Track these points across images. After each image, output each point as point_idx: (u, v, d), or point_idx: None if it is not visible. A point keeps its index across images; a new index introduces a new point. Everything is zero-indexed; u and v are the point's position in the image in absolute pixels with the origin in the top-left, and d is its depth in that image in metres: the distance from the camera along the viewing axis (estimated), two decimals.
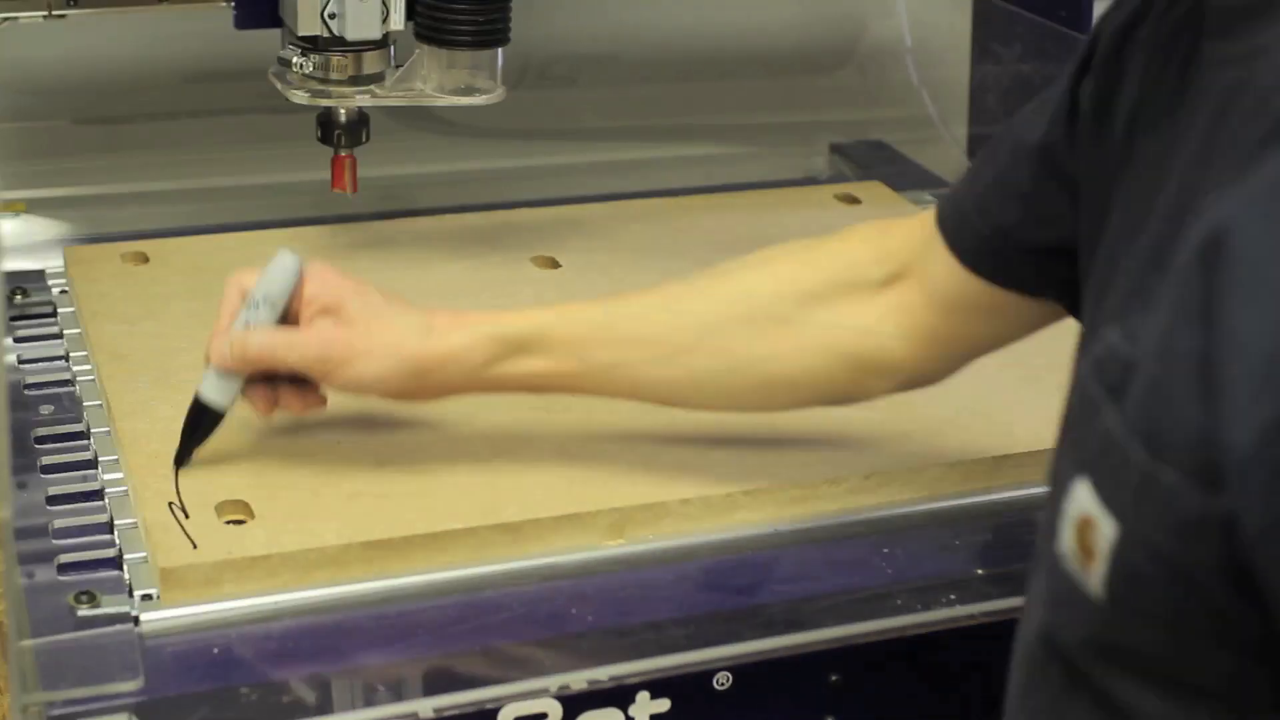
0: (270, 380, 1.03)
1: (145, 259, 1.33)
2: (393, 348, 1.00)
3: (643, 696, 0.92)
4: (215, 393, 1.03)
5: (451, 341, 1.01)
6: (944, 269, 0.97)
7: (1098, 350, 0.68)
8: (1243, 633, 0.61)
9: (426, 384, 1.02)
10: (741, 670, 0.94)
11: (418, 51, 1.25)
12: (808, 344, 1.00)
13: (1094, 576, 0.65)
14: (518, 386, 1.03)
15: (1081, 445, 0.68)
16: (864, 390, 1.04)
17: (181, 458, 1.04)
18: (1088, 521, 0.65)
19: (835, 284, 1.01)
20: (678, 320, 1.02)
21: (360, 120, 1.30)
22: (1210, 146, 0.71)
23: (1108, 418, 0.65)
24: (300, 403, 1.04)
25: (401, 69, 1.26)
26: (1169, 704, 0.65)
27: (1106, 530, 0.64)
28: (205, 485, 1.03)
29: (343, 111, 1.29)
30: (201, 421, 1.04)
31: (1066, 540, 0.67)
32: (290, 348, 1.01)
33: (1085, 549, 0.66)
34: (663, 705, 0.93)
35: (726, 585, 1.02)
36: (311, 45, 1.25)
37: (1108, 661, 0.67)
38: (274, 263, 1.02)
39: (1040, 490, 1.09)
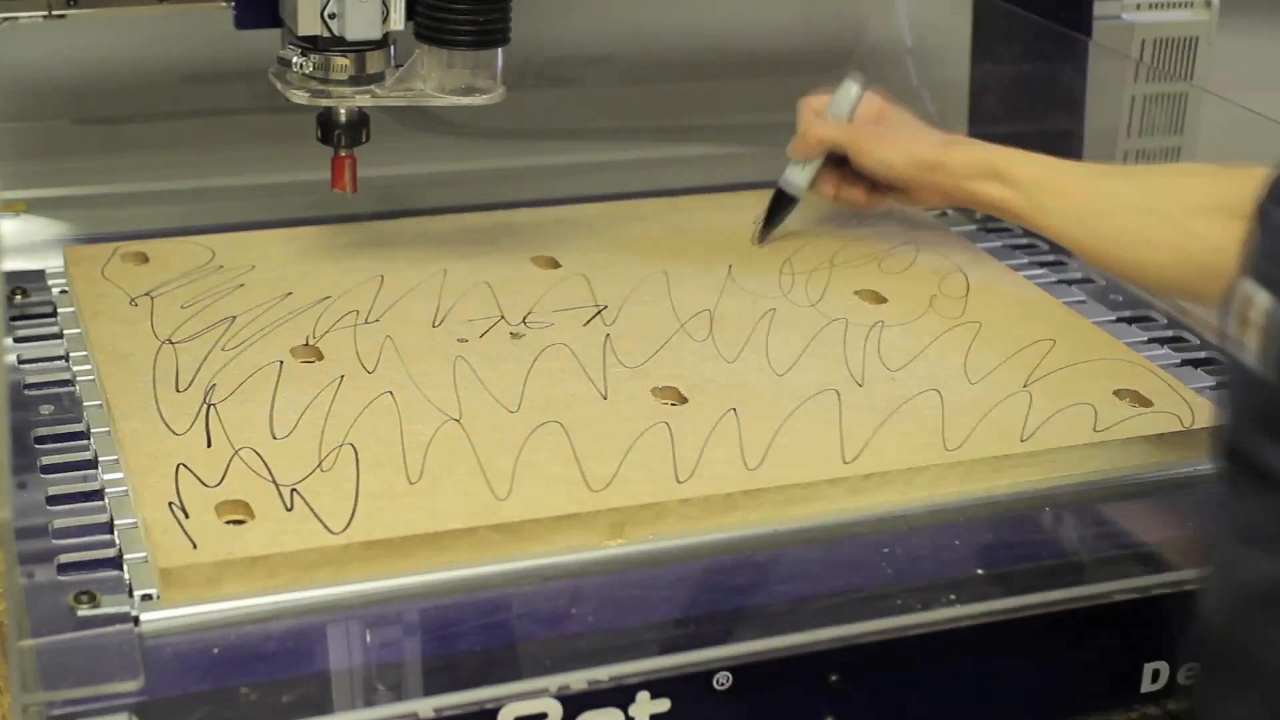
0: (840, 176, 1.38)
1: (145, 259, 1.33)
2: (909, 144, 1.34)
3: (643, 696, 0.92)
4: (794, 177, 1.38)
5: (950, 152, 1.32)
6: None
7: None
8: None
9: (924, 179, 1.33)
10: (741, 670, 0.94)
11: (418, 51, 1.25)
12: (1176, 246, 1.18)
13: (1251, 351, 0.74)
14: (984, 205, 1.32)
15: (1258, 254, 0.77)
16: (1205, 297, 1.21)
17: (763, 237, 1.40)
18: (1247, 299, 0.75)
19: (1214, 204, 1.16)
20: (1100, 189, 1.25)
21: (360, 120, 1.30)
22: None
23: (1273, 215, 0.75)
24: (860, 196, 1.38)
25: (401, 69, 1.26)
26: None
27: (1262, 303, 0.74)
28: (205, 485, 1.03)
29: (343, 111, 1.29)
30: (781, 204, 1.39)
31: (1231, 325, 0.77)
32: (841, 131, 1.36)
33: (1242, 320, 0.75)
34: (663, 705, 0.93)
35: (726, 585, 1.02)
36: (311, 45, 1.25)
37: (1272, 437, 0.75)
38: (841, 86, 1.37)
39: (1039, 489, 1.10)
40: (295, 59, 1.25)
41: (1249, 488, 0.77)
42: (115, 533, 1.01)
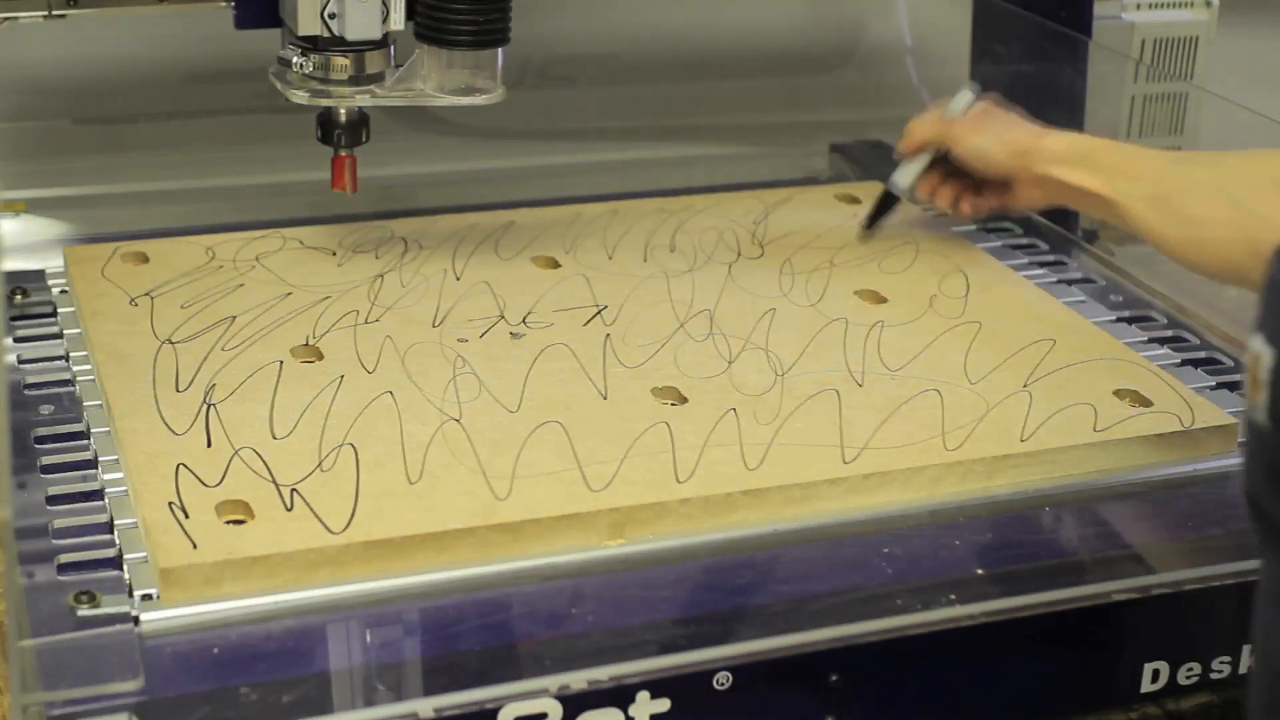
0: (945, 179, 1.38)
1: (145, 259, 1.33)
2: (1001, 132, 1.35)
3: (643, 696, 0.92)
4: (898, 177, 1.39)
5: (1042, 139, 1.32)
6: None
7: None
8: None
9: (1019, 167, 1.32)
10: (741, 670, 0.94)
11: (418, 51, 1.26)
12: (1235, 225, 1.15)
13: (1260, 408, 0.74)
14: (1076, 196, 1.29)
15: (1265, 309, 0.76)
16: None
17: (869, 225, 1.41)
18: (1255, 358, 0.75)
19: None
20: (1171, 172, 1.23)
21: (360, 120, 1.30)
22: None
23: (1275, 269, 0.74)
24: (953, 196, 1.38)
25: (401, 69, 1.26)
26: None
27: (1266, 359, 0.74)
28: (205, 485, 1.03)
29: (343, 111, 1.29)
30: (887, 203, 1.40)
31: (1246, 385, 0.76)
32: (940, 125, 1.38)
33: (1254, 381, 0.75)
34: (663, 705, 0.93)
35: (726, 585, 1.02)
36: (311, 45, 1.25)
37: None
38: (957, 95, 1.39)
39: (1039, 489, 1.10)
40: (295, 59, 1.25)
41: (1270, 547, 0.77)
42: (115, 533, 1.01)
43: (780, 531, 1.05)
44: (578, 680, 0.92)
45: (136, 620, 0.94)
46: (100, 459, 1.09)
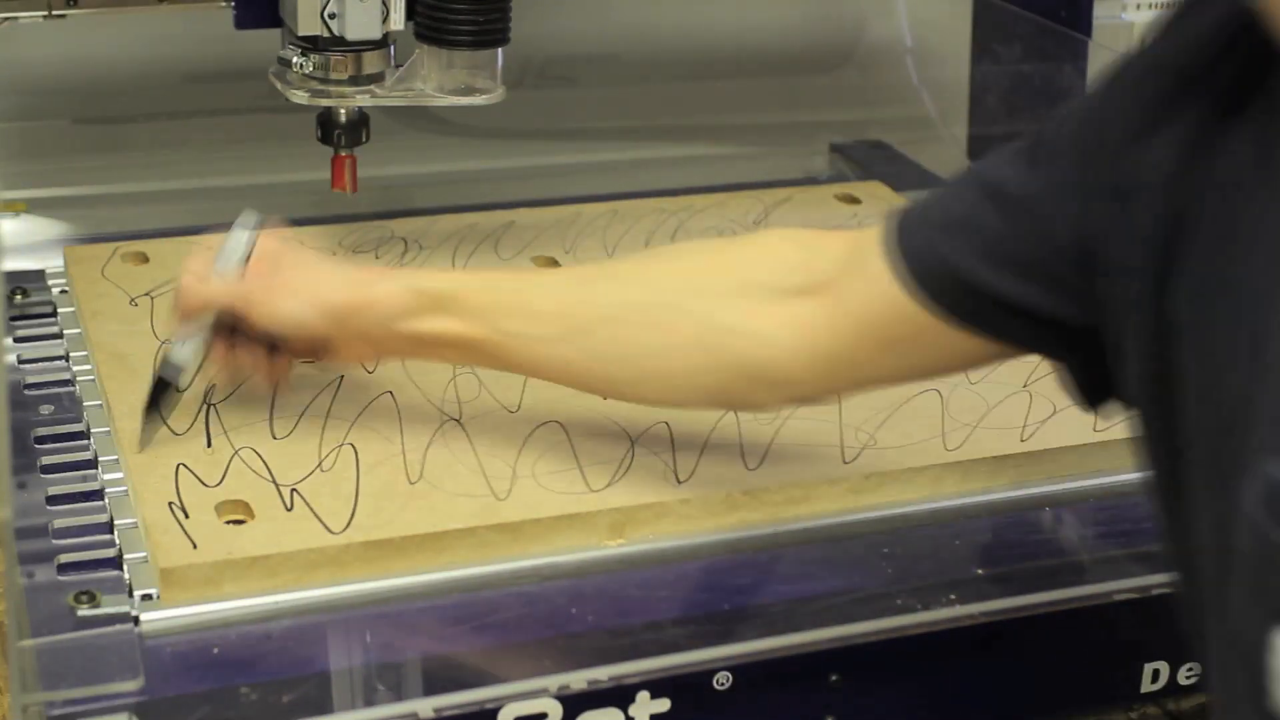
0: (233, 345, 1.08)
1: (145, 259, 1.33)
2: (314, 290, 1.05)
3: (643, 696, 0.92)
4: (175, 358, 1.08)
5: (372, 290, 1.04)
6: (875, 291, 0.90)
7: (1265, 489, 0.66)
8: None
9: (345, 330, 1.05)
10: (741, 670, 0.94)
11: (418, 51, 1.26)
12: (697, 342, 0.98)
13: None
14: (430, 346, 1.05)
15: (1274, 593, 0.66)
16: (749, 399, 1.01)
17: (144, 438, 1.07)
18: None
19: (742, 285, 0.97)
20: (582, 299, 1.02)
21: (360, 120, 1.30)
22: None
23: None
24: (261, 364, 1.08)
25: (401, 69, 1.26)
26: None
27: None
28: (205, 485, 1.03)
29: (343, 111, 1.29)
30: (163, 392, 1.08)
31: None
32: (226, 290, 1.06)
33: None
34: (663, 705, 0.93)
35: (726, 585, 1.02)
36: (311, 45, 1.25)
37: None
38: (230, 233, 1.08)
39: (1039, 489, 1.10)
40: (295, 59, 1.25)
41: None
42: (115, 533, 1.01)
43: (780, 531, 1.05)
44: (578, 680, 0.92)
45: (136, 620, 0.94)
46: (100, 459, 1.09)
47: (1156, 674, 1.03)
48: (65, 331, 1.25)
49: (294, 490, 1.02)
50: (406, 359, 1.12)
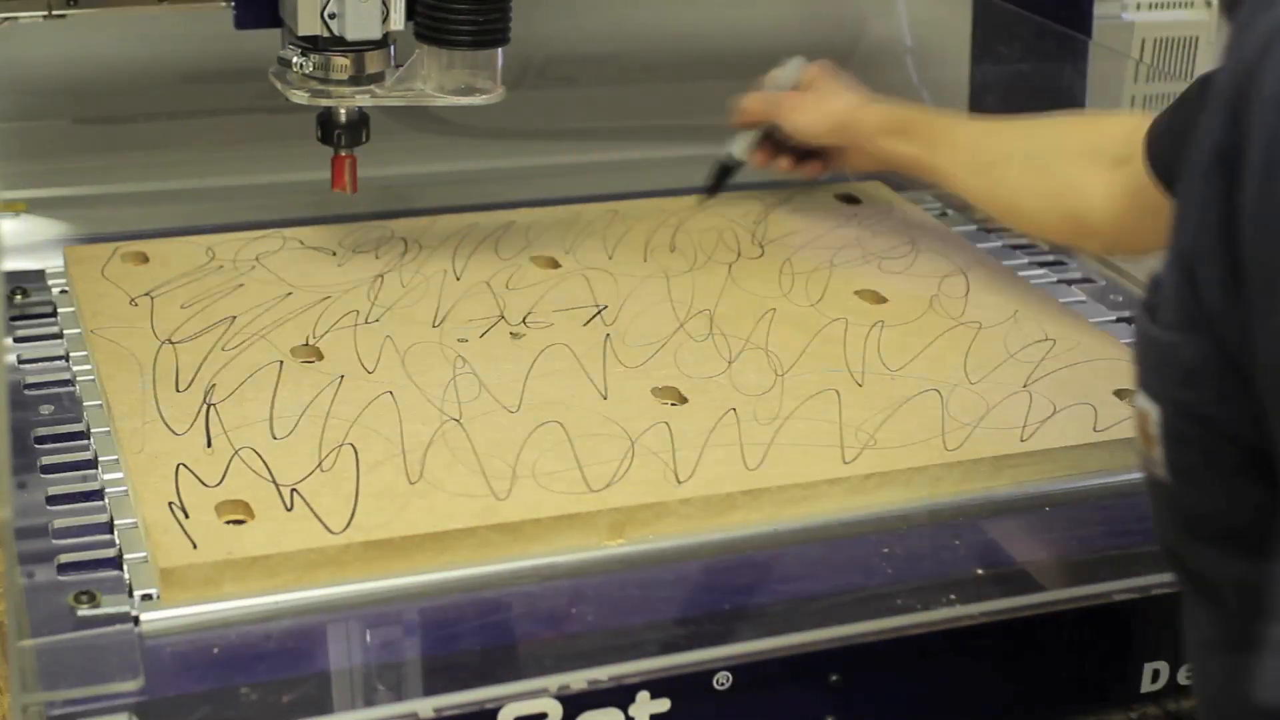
0: (773, 148, 1.45)
1: (145, 259, 1.33)
2: (826, 106, 1.40)
3: (643, 696, 0.92)
4: (734, 148, 1.45)
5: (863, 112, 1.39)
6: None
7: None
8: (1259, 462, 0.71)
9: (841, 140, 1.40)
10: (741, 670, 0.94)
11: (418, 51, 1.26)
12: (1051, 190, 1.27)
13: (1158, 463, 0.76)
14: (896, 161, 1.39)
15: (1140, 367, 0.78)
16: (1079, 241, 1.36)
17: (710, 194, 1.46)
18: (1143, 414, 0.76)
19: (1090, 150, 1.25)
20: (987, 144, 1.33)
21: (360, 120, 1.30)
22: None
23: (1142, 325, 0.76)
24: (786, 165, 1.45)
25: (401, 69, 1.26)
26: (1236, 562, 0.73)
27: (1154, 415, 0.75)
28: (205, 485, 1.03)
29: (343, 111, 1.29)
30: (722, 172, 1.45)
31: (1138, 443, 0.78)
32: (765, 102, 1.43)
33: (1145, 436, 0.76)
34: (663, 705, 0.93)
35: (726, 585, 1.02)
36: (311, 45, 1.25)
37: (1193, 538, 0.76)
38: (786, 64, 1.45)
39: (1039, 489, 1.10)
40: (295, 59, 1.25)
41: (1192, 597, 0.78)
42: (115, 533, 1.01)
43: (780, 531, 1.05)
44: (578, 680, 0.92)
45: (136, 620, 0.94)
46: (100, 459, 1.09)
47: (1156, 674, 1.03)
48: (65, 331, 1.25)
49: (294, 490, 1.02)
50: (887, 170, 1.44)
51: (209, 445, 1.07)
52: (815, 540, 1.05)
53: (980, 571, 1.03)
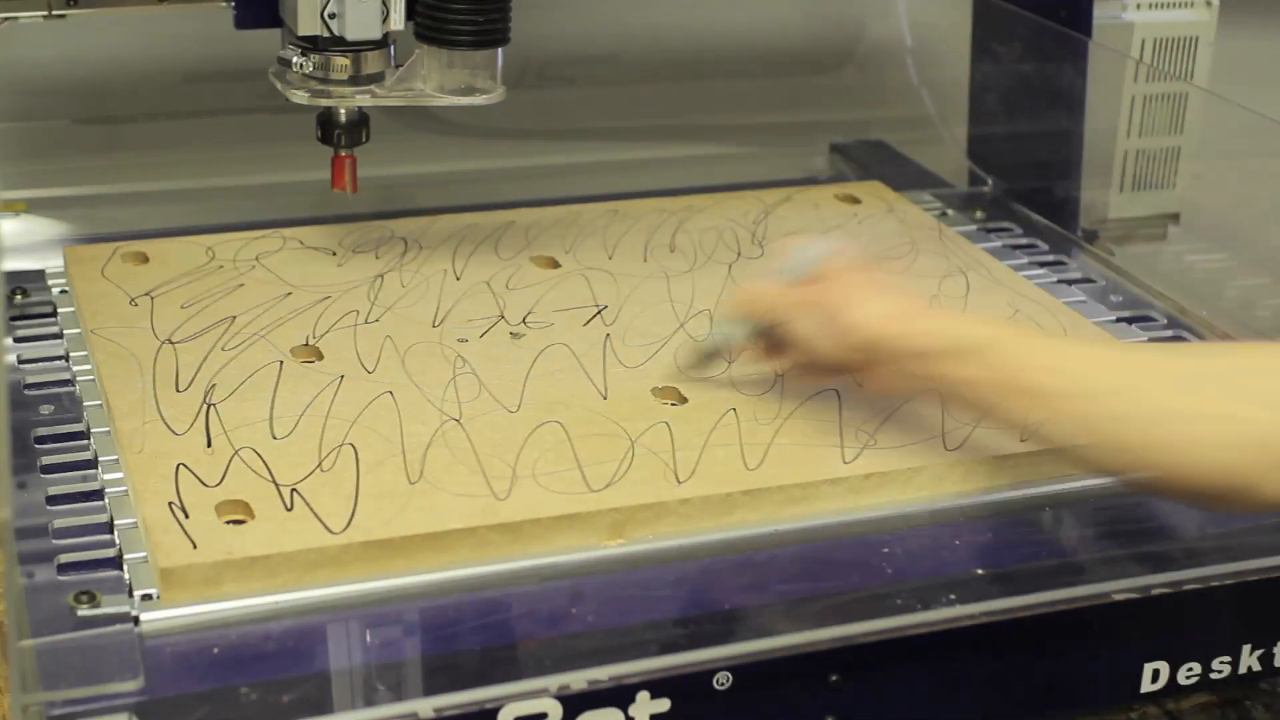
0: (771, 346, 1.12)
1: (145, 259, 1.33)
2: (846, 316, 1.05)
3: (643, 696, 0.92)
4: (726, 332, 1.15)
5: (913, 324, 1.03)
6: None
7: None
8: None
9: (868, 356, 1.05)
10: (741, 670, 0.94)
11: (418, 51, 1.25)
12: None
13: None
14: (947, 388, 1.04)
15: None
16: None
17: (692, 368, 1.17)
18: None
19: None
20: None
21: (360, 120, 1.30)
22: None
23: None
24: (783, 371, 1.15)
25: (401, 69, 1.26)
26: None
27: None
28: (205, 485, 1.03)
29: (343, 111, 1.29)
30: (712, 355, 1.17)
31: None
32: (772, 296, 1.11)
33: None
34: (663, 705, 0.93)
35: (726, 585, 1.02)
36: (311, 45, 1.25)
37: None
38: (805, 247, 1.13)
39: (1039, 489, 1.09)
40: (295, 59, 1.25)
41: None
42: (115, 533, 1.01)
43: (780, 531, 1.05)
44: (578, 680, 0.92)
45: (136, 620, 0.94)
46: (100, 459, 1.09)
47: (1156, 674, 1.03)
48: (65, 331, 1.25)
49: (294, 490, 1.02)
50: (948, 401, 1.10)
51: (209, 445, 1.07)
52: (815, 540, 1.05)
53: (980, 571, 1.03)
